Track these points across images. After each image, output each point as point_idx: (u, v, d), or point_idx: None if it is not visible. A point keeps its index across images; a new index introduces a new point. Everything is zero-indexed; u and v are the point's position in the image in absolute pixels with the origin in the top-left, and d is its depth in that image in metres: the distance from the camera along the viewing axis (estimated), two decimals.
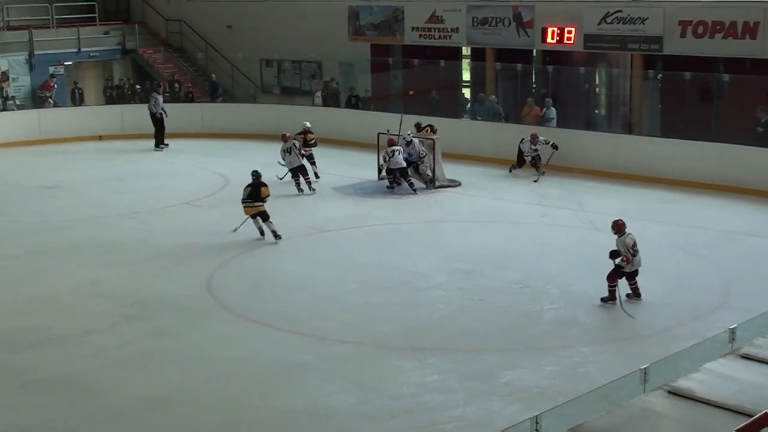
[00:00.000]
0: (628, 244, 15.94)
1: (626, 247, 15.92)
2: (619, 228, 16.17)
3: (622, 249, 15.95)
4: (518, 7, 28.76)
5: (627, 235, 16.05)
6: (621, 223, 16.23)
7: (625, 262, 15.91)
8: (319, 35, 33.10)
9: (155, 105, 30.72)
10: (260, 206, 19.93)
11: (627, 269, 16.00)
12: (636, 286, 16.20)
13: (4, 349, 14.53)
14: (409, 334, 14.93)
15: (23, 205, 23.69)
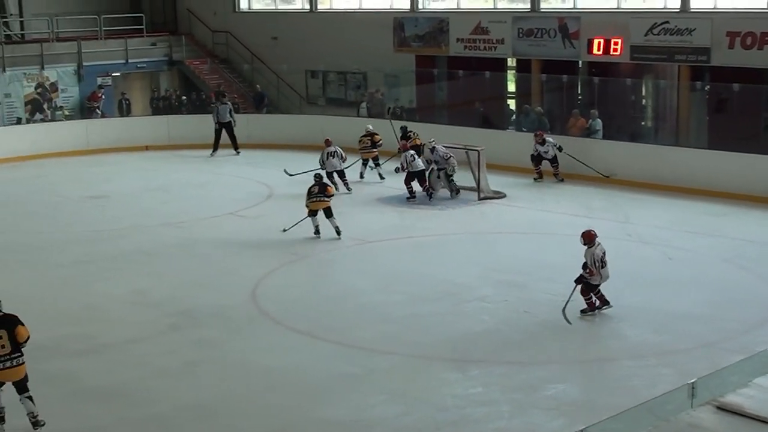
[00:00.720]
0: (597, 255, 15.73)
1: (594, 258, 15.71)
2: (590, 239, 15.95)
3: (589, 260, 15.75)
4: (564, 18, 28.69)
5: (597, 246, 15.83)
6: (591, 233, 16.01)
7: (588, 274, 15.73)
8: (364, 47, 33.15)
9: (230, 113, 31.30)
10: (328, 201, 21.06)
11: (593, 281, 15.79)
12: (601, 294, 16.05)
13: (53, 357, 14.64)
14: (453, 346, 14.90)
15: (72, 215, 23.90)
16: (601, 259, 15.74)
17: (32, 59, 34.09)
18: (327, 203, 21.10)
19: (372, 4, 34.58)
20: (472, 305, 16.72)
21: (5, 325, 12.33)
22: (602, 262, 15.75)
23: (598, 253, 15.75)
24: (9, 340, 12.28)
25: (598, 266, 15.72)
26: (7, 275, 18.87)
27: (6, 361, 12.28)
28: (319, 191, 21.14)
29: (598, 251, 15.78)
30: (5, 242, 21.35)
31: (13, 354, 12.33)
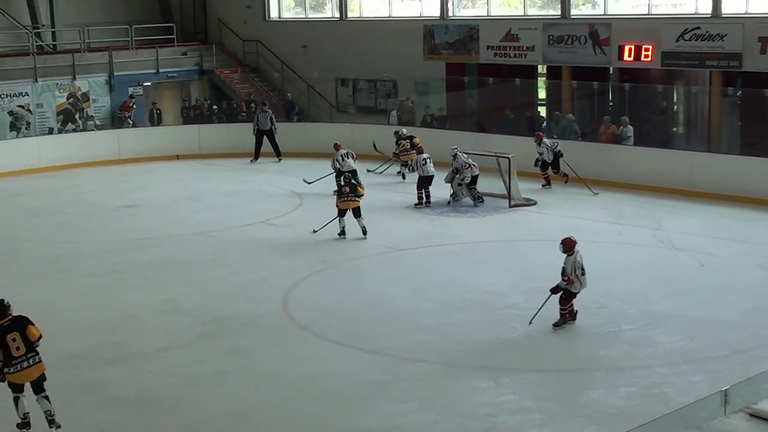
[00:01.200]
0: (578, 263, 15.57)
1: (574, 266, 15.53)
2: (569, 246, 15.71)
3: (569, 268, 15.56)
4: (594, 24, 28.62)
5: (576, 253, 15.63)
6: (570, 240, 15.76)
7: (566, 283, 15.56)
8: (395, 54, 33.18)
9: (270, 121, 31.69)
10: (358, 201, 21.61)
11: (573, 289, 15.61)
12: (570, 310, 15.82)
13: (86, 366, 14.73)
14: (484, 354, 14.88)
15: (104, 224, 24.02)
16: (581, 267, 15.56)
17: (64, 70, 34.32)
18: (357, 203, 21.63)
19: (402, 11, 34.64)
20: (503, 313, 16.68)
21: (17, 327, 12.50)
22: (582, 270, 15.57)
23: (578, 261, 15.58)
24: (23, 341, 12.44)
25: (578, 274, 15.53)
26: (40, 284, 19.04)
27: (23, 362, 12.45)
28: (350, 191, 21.66)
29: (578, 259, 15.59)
30: (38, 252, 21.48)
31: (29, 354, 12.49)
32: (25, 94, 33.37)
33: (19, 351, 12.38)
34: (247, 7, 38.32)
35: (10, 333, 12.39)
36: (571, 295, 15.73)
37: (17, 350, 12.38)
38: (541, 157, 26.19)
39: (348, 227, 21.54)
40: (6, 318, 12.54)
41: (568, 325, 15.79)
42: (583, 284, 15.69)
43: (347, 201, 21.64)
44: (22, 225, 24.23)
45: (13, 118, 33.07)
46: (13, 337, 12.39)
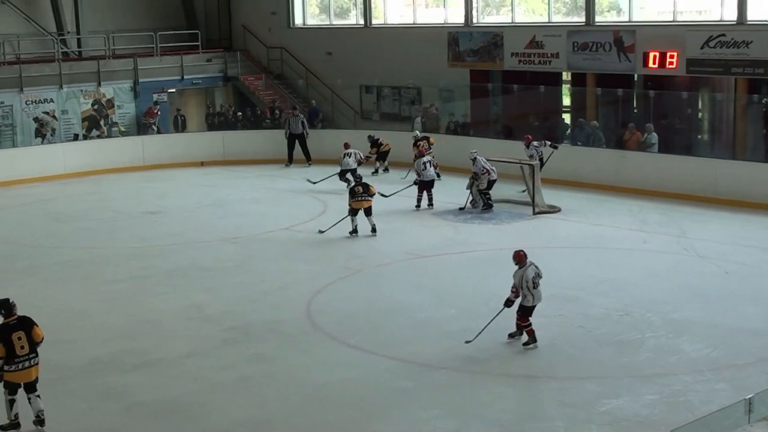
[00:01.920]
0: (528, 276, 15.17)
1: (523, 279, 15.20)
2: (519, 259, 15.44)
3: (517, 281, 15.29)
4: (619, 31, 28.55)
5: (528, 266, 15.29)
6: (521, 254, 15.50)
7: (513, 296, 15.33)
8: (419, 61, 33.19)
9: (302, 125, 32.16)
10: (371, 200, 22.49)
11: (526, 303, 15.24)
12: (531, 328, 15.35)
13: (110, 372, 14.78)
14: (507, 361, 14.85)
15: (129, 230, 24.10)
16: (532, 280, 15.16)
17: (89, 76, 34.51)
18: (370, 202, 22.50)
19: (426, 18, 34.63)
20: None
21: (23, 327, 12.76)
22: (534, 283, 15.17)
23: (528, 275, 15.18)
24: (27, 341, 12.71)
25: (528, 287, 15.15)
26: (64, 290, 19.12)
27: (25, 361, 12.71)
28: (363, 191, 22.44)
29: (529, 272, 15.20)
30: (62, 257, 21.58)
31: (31, 354, 12.76)
32: (51, 101, 33.55)
33: (23, 350, 12.66)
34: (271, 13, 38.39)
35: (17, 332, 12.67)
36: (526, 310, 15.30)
37: (21, 349, 12.65)
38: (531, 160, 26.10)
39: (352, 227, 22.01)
40: (12, 317, 12.83)
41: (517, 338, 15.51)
42: (536, 298, 15.24)
43: (360, 200, 22.40)
44: (47, 231, 24.35)
45: (38, 124, 33.24)
46: (19, 335, 12.67)
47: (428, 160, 25.28)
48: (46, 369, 14.73)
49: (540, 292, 15.35)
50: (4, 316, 12.87)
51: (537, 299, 15.33)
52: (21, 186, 29.59)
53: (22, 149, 31.96)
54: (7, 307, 12.88)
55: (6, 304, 12.93)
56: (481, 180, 24.56)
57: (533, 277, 15.23)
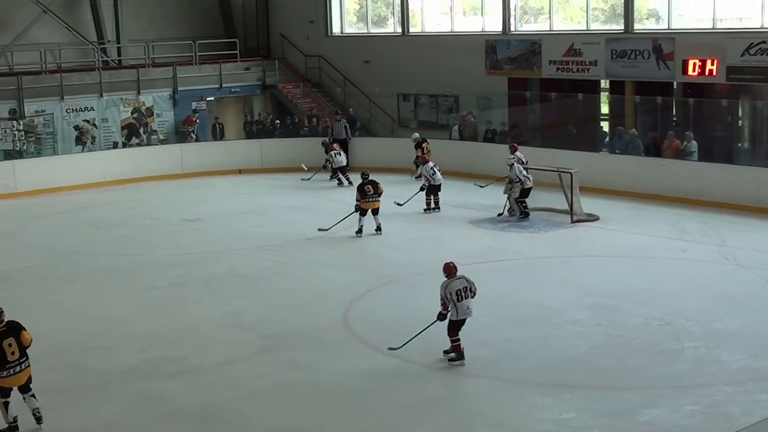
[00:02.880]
0: (451, 289, 14.85)
1: (446, 291, 14.87)
2: (449, 271, 15.13)
3: (441, 293, 14.98)
4: (658, 39, 28.41)
5: (455, 279, 14.99)
6: (449, 266, 15.22)
7: (442, 307, 15.02)
8: (456, 69, 33.16)
9: (345, 130, 32.55)
10: (380, 201, 23.38)
11: (451, 317, 14.92)
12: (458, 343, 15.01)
13: (149, 378, 14.84)
14: (545, 370, 14.77)
15: (167, 237, 24.21)
16: (455, 292, 14.84)
17: (129, 84, 34.73)
18: (379, 203, 23.46)
19: (464, 26, 34.61)
20: (564, 329, 16.57)
21: (12, 333, 12.94)
22: (458, 296, 14.86)
23: (453, 287, 14.87)
24: (18, 347, 12.92)
25: (453, 299, 14.88)
26: (103, 297, 19.22)
27: (16, 366, 12.92)
28: (374, 192, 23.31)
29: (454, 284, 14.89)
30: (102, 265, 21.70)
31: (21, 359, 12.97)
32: (91, 109, 33.78)
33: (13, 356, 12.88)
34: (309, 22, 38.50)
35: (6, 338, 12.86)
36: (452, 324, 15.00)
37: (12, 355, 12.87)
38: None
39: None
40: (1, 324, 12.99)
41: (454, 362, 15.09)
42: (460, 312, 14.90)
43: (370, 201, 23.32)
44: (87, 238, 24.51)
45: (78, 132, 33.49)
46: (9, 342, 12.86)
47: (434, 165, 25.87)
48: (86, 375, 14.94)
49: (466, 306, 14.96)
50: None
51: (462, 314, 14.92)
52: (61, 193, 29.80)
53: (62, 157, 32.23)
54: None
55: None
56: (514, 188, 24.51)
57: (458, 290, 14.88)
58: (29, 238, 24.65)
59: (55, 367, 15.37)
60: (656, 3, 30.09)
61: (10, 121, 32.18)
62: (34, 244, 23.89)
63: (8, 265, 21.81)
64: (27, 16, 36.00)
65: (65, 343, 16.52)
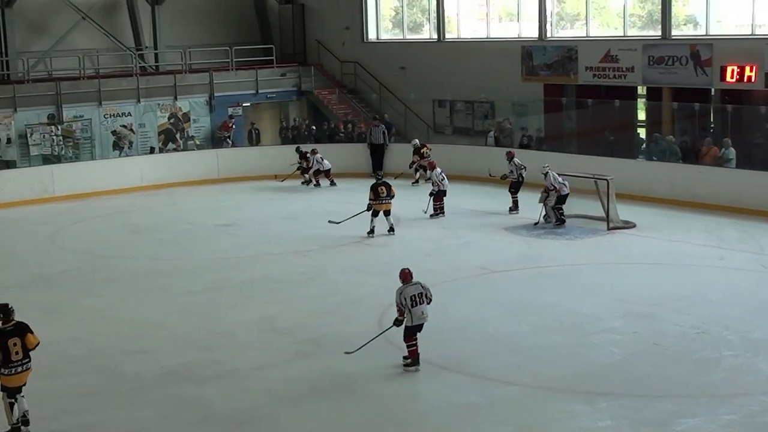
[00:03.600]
0: (405, 294, 14.92)
1: (400, 296, 14.96)
2: (404, 277, 15.19)
3: (396, 298, 15.06)
4: (696, 45, 28.27)
5: (410, 285, 15.01)
6: (404, 272, 15.26)
7: (399, 314, 15.04)
8: (492, 76, 33.14)
9: (383, 135, 32.76)
10: (391, 203, 23.97)
11: (406, 323, 14.99)
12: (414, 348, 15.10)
13: (185, 383, 14.89)
14: (580, 378, 14.70)
15: (203, 242, 24.31)
16: (409, 298, 14.90)
17: (166, 90, 34.94)
18: (391, 204, 23.99)
19: (500, 32, 34.58)
20: (600, 337, 16.49)
21: (18, 333, 13.14)
22: (412, 302, 14.92)
23: (407, 292, 14.93)
24: (21, 347, 13.10)
25: (407, 305, 14.94)
26: (139, 301, 19.32)
27: (18, 366, 13.09)
28: (387, 194, 23.81)
29: (408, 290, 14.95)
30: (138, 269, 21.83)
31: (24, 359, 13.14)
32: (128, 114, 34.02)
33: (17, 356, 13.06)
34: (345, 28, 38.60)
35: (12, 338, 13.05)
36: (407, 330, 15.07)
37: (16, 354, 13.05)
38: (511, 176, 26.35)
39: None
40: (10, 323, 13.22)
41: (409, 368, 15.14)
42: (415, 318, 14.96)
43: (383, 203, 23.85)
44: (124, 242, 24.66)
45: (116, 137, 33.74)
46: (14, 341, 13.06)
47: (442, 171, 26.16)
48: (122, 379, 15.01)
49: (420, 312, 15.01)
50: (2, 320, 13.27)
51: (416, 319, 14.98)
52: (99, 198, 29.99)
53: (100, 162, 32.47)
54: (6, 312, 13.28)
55: (5, 309, 13.33)
56: (550, 197, 24.45)
57: (413, 296, 14.92)
58: (67, 241, 24.84)
59: (90, 370, 15.48)
60: (694, 9, 29.95)
61: (49, 126, 32.45)
62: (71, 248, 24.07)
63: (46, 269, 21.99)
64: (66, 23, 36.37)
65: (101, 346, 16.61)
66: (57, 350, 16.28)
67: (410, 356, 15.11)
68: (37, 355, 13.32)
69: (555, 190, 24.35)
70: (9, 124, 31.89)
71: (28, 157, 32.09)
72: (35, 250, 24.02)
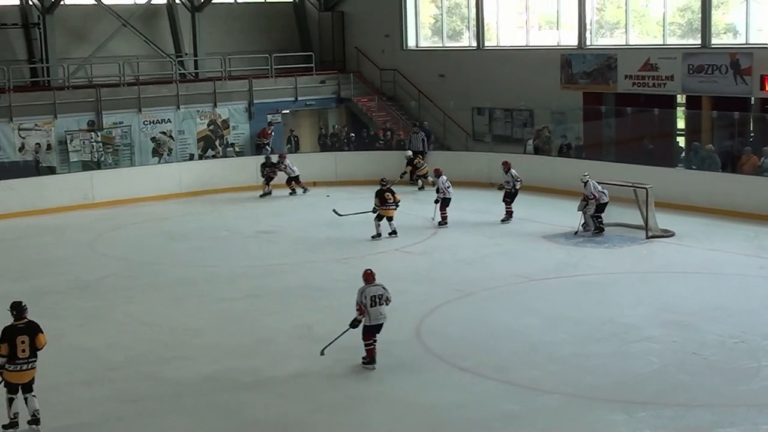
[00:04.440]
0: (366, 294, 15.48)
1: (361, 296, 15.52)
2: (366, 277, 15.75)
3: (357, 297, 15.59)
4: (736, 54, 28.14)
5: (371, 285, 15.58)
6: (366, 272, 15.83)
7: (358, 313, 15.50)
8: (531, 84, 33.11)
9: (422, 142, 32.81)
10: (395, 209, 24.77)
11: (365, 322, 15.49)
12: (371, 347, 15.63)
13: (224, 390, 14.95)
14: (619, 387, 14.67)
15: (242, 249, 24.39)
16: (369, 298, 15.45)
17: (205, 97, 35.12)
18: (395, 211, 24.79)
19: (539, 40, 34.56)
20: (639, 345, 16.43)
21: (28, 332, 13.41)
22: (371, 302, 15.44)
23: (368, 292, 15.49)
24: (29, 346, 13.34)
25: (365, 304, 15.44)
26: (178, 308, 19.43)
27: (23, 364, 13.36)
28: (392, 200, 24.68)
29: (369, 290, 15.52)
30: (178, 276, 21.95)
31: (30, 358, 13.41)
32: (168, 121, 34.23)
33: (24, 353, 13.32)
34: (385, 36, 38.68)
35: (21, 335, 13.31)
36: (365, 329, 15.55)
37: (22, 352, 13.31)
38: (506, 186, 26.29)
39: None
40: (22, 320, 13.49)
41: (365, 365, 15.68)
42: (373, 318, 15.47)
43: (389, 209, 24.69)
44: (163, 249, 24.81)
45: (155, 144, 33.95)
46: (23, 339, 13.32)
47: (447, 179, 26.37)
48: (161, 385, 15.10)
49: (379, 312, 15.54)
50: (14, 317, 13.52)
51: (374, 319, 15.51)
52: (138, 204, 30.18)
53: (139, 168, 32.64)
54: (19, 310, 13.57)
55: (18, 306, 13.60)
56: (589, 205, 24.39)
57: (373, 296, 15.49)
58: (106, 248, 25.00)
59: (130, 377, 15.58)
60: (734, 17, 29.83)
61: (89, 132, 32.71)
62: (111, 255, 24.23)
63: (86, 275, 22.16)
64: (106, 30, 36.65)
65: (141, 353, 16.71)
66: (96, 356, 16.45)
67: (368, 355, 15.60)
68: (76, 361, 13.46)
69: (594, 198, 24.30)
70: (49, 131, 32.17)
71: (68, 163, 32.36)
72: (75, 256, 24.20)
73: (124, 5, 37.55)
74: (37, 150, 31.76)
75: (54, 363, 15.97)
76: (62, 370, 15.75)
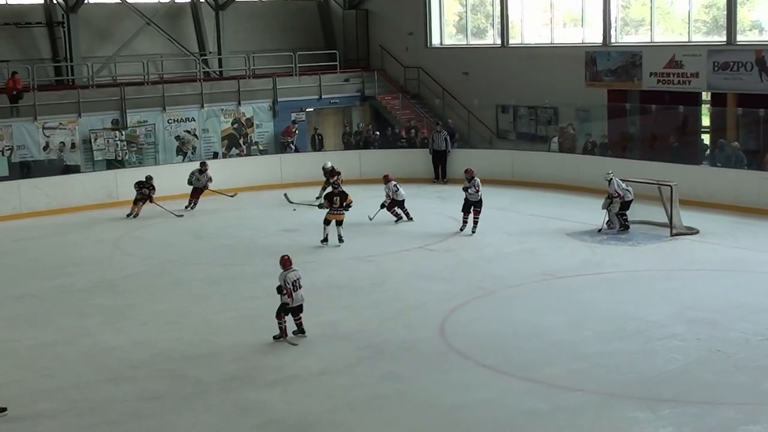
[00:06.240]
0: (289, 278, 16.78)
1: (284, 280, 16.77)
2: (283, 263, 17.02)
3: (281, 281, 16.83)
4: (761, 51, 27.99)
5: (291, 270, 16.90)
6: (284, 258, 17.09)
7: (286, 296, 16.73)
8: (555, 81, 33.03)
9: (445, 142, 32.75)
10: (344, 214, 24.42)
11: (289, 304, 16.79)
12: (300, 322, 17.06)
13: (246, 387, 14.99)
14: (643, 385, 14.62)
15: (266, 247, 24.38)
16: (292, 282, 16.81)
17: (229, 95, 35.20)
18: (344, 215, 24.39)
19: (564, 38, 34.48)
20: (663, 343, 16.38)
21: None
22: (294, 286, 16.82)
23: (291, 277, 16.84)
24: None
25: (289, 288, 16.75)
26: (203, 306, 19.47)
27: None
28: (340, 204, 24.29)
29: (291, 275, 16.88)
30: (202, 274, 22.00)
31: None
32: (192, 119, 34.32)
33: None
34: (408, 34, 38.68)
35: None
36: (285, 310, 16.89)
37: None
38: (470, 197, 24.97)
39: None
40: None
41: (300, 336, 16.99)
42: (295, 299, 16.83)
43: (341, 214, 24.37)
44: (187, 247, 24.88)
45: (179, 142, 34.05)
46: None
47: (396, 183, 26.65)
48: (185, 383, 15.14)
49: (300, 296, 16.95)
50: None
51: (296, 301, 16.91)
52: (162, 202, 30.20)
53: (163, 167, 32.66)
54: None
55: None
56: (614, 203, 24.32)
57: (294, 281, 16.88)
58: (131, 246, 25.10)
59: (154, 374, 15.63)
60: (759, 14, 29.69)
61: (113, 131, 32.84)
62: (135, 253, 24.32)
63: (111, 274, 22.25)
64: (130, 28, 36.78)
65: (165, 350, 16.77)
66: (121, 354, 16.51)
67: (280, 332, 16.94)
68: (101, 359, 13.48)
69: (619, 196, 24.24)
70: (74, 129, 32.31)
71: (92, 162, 32.49)
72: (100, 255, 24.30)
73: (148, 4, 37.65)
74: (62, 149, 31.93)
75: (79, 361, 16.09)
76: (87, 369, 15.84)
